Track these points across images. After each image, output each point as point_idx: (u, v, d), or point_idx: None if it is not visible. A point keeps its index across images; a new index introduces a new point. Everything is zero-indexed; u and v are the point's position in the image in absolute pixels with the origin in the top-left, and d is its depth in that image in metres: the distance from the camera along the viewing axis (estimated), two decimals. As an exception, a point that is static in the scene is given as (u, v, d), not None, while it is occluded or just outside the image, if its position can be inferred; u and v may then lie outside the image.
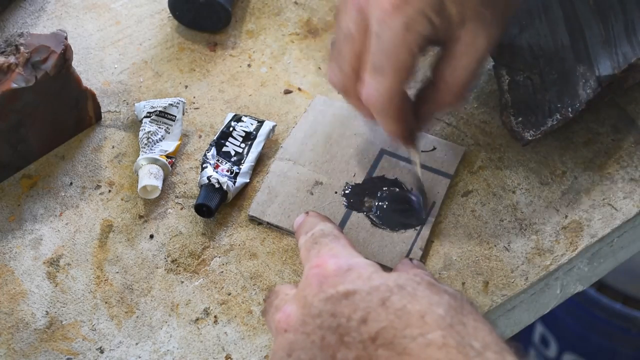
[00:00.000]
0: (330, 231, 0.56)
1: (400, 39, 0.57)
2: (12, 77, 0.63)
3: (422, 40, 0.57)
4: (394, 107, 0.59)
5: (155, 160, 0.67)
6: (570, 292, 0.68)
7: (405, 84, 0.59)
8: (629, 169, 0.69)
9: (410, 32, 0.56)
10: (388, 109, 0.60)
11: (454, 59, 0.59)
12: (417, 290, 0.48)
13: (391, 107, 0.59)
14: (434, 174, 0.68)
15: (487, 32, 0.58)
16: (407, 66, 0.58)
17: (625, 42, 0.65)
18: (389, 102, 0.59)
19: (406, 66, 0.58)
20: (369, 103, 0.60)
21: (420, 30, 0.57)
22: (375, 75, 0.58)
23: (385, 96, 0.59)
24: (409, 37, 0.57)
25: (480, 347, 0.44)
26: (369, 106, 0.61)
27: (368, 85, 0.59)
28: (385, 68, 0.58)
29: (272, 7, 0.80)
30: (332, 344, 0.46)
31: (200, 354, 0.60)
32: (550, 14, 0.68)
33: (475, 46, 0.58)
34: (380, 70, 0.58)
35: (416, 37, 0.57)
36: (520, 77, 0.68)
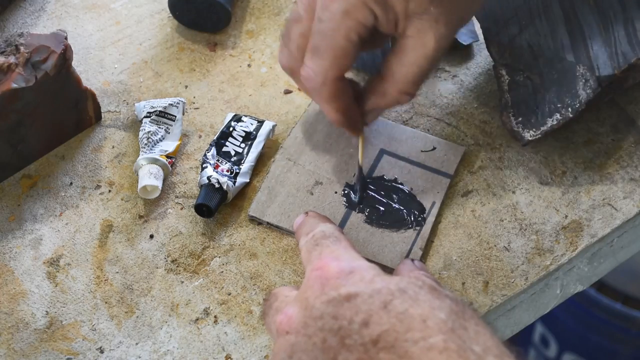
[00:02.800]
0: (331, 232, 0.56)
1: (338, 23, 0.58)
2: (12, 77, 0.63)
3: (361, 28, 0.58)
4: (328, 90, 0.61)
5: (155, 160, 0.67)
6: (570, 292, 0.68)
7: (341, 69, 0.60)
8: (629, 169, 0.69)
9: (348, 19, 0.57)
10: (322, 91, 0.61)
11: (402, 54, 0.60)
12: (419, 294, 0.48)
13: (325, 89, 0.61)
14: (434, 173, 0.68)
15: (435, 29, 0.58)
16: (344, 51, 0.59)
17: (625, 42, 0.65)
18: (322, 84, 0.60)
19: (342, 51, 0.59)
20: (305, 83, 0.61)
21: (359, 18, 0.58)
22: (312, 57, 0.60)
23: (319, 77, 0.60)
24: (346, 23, 0.58)
25: (481, 351, 0.44)
26: (305, 87, 0.62)
27: (306, 66, 0.60)
28: (321, 50, 0.59)
29: (272, 7, 0.80)
30: (334, 347, 0.46)
31: (200, 354, 0.60)
32: (550, 14, 0.68)
33: (422, 42, 0.58)
34: (317, 52, 0.59)
35: (354, 24, 0.58)
36: (520, 77, 0.68)
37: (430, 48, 0.58)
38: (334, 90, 0.61)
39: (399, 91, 0.61)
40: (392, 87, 0.61)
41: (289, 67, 0.63)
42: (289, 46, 0.62)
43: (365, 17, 0.58)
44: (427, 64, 0.59)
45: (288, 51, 0.62)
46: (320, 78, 0.60)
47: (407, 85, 0.61)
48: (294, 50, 0.61)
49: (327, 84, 0.60)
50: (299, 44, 0.61)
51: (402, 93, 0.61)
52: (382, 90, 0.62)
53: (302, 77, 0.61)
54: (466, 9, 0.61)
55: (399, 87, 0.61)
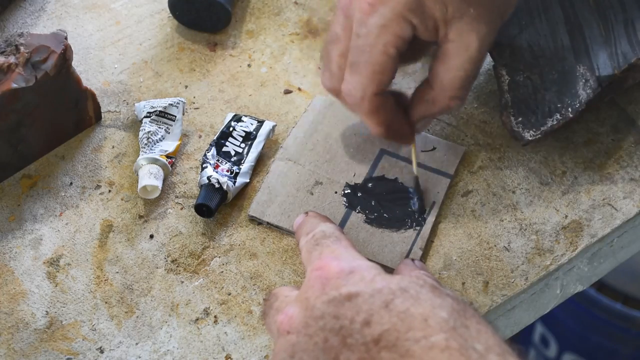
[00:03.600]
0: (331, 232, 0.56)
1: (376, 39, 0.57)
2: (12, 77, 0.63)
3: (399, 41, 0.58)
4: (368, 105, 0.60)
5: (155, 160, 0.67)
6: (570, 292, 0.68)
7: (382, 83, 0.59)
8: (629, 169, 0.69)
9: (385, 33, 0.57)
10: (363, 106, 0.60)
11: (447, 59, 0.59)
12: (420, 293, 0.48)
13: (365, 104, 0.60)
14: (434, 173, 0.68)
15: (476, 30, 0.57)
16: (383, 66, 0.58)
17: (625, 42, 0.65)
18: (362, 99, 0.60)
19: (381, 66, 0.58)
20: (346, 100, 0.61)
21: (397, 32, 0.57)
22: (351, 73, 0.59)
23: (359, 93, 0.60)
24: (384, 38, 0.57)
25: (483, 349, 0.44)
26: (346, 103, 0.62)
27: (345, 82, 0.60)
28: (360, 66, 0.59)
29: (272, 7, 0.80)
30: (335, 346, 0.46)
31: (200, 354, 0.60)
32: (550, 14, 0.68)
33: (466, 45, 0.58)
34: (356, 68, 0.59)
35: (392, 39, 0.57)
36: (520, 77, 0.68)
37: (474, 49, 0.58)
38: (374, 105, 0.60)
39: (448, 97, 0.60)
40: (440, 95, 0.60)
41: (333, 87, 0.62)
42: (329, 67, 0.61)
43: (403, 30, 0.57)
44: (473, 66, 0.59)
45: (329, 72, 0.62)
46: (360, 94, 0.59)
47: (456, 90, 0.60)
48: (335, 71, 0.61)
49: (366, 100, 0.60)
50: (339, 64, 0.60)
51: (451, 98, 0.61)
52: (431, 98, 0.61)
53: (342, 93, 0.61)
54: (505, 5, 0.60)
55: (447, 94, 0.60)
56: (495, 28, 0.59)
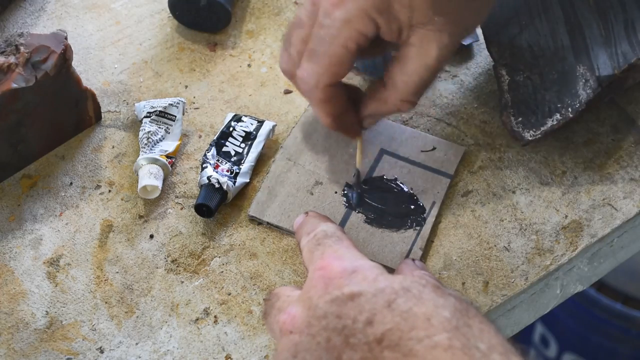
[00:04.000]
0: (333, 232, 0.56)
1: (338, 31, 0.58)
2: (12, 77, 0.63)
3: (360, 37, 0.58)
4: (320, 94, 0.61)
5: (155, 160, 0.67)
6: (570, 292, 0.68)
7: (337, 75, 0.60)
8: (629, 169, 0.69)
9: (348, 27, 0.58)
10: (314, 94, 0.61)
11: (404, 63, 0.60)
12: (422, 292, 0.48)
13: (317, 93, 0.61)
14: (434, 173, 0.68)
15: (438, 39, 0.58)
16: (339, 59, 0.59)
17: (625, 42, 0.65)
18: (315, 88, 0.61)
19: (338, 59, 0.59)
20: (299, 85, 0.62)
21: (360, 28, 0.58)
22: (308, 60, 0.60)
23: (313, 82, 0.60)
24: (346, 32, 0.58)
25: (485, 348, 0.44)
26: (299, 88, 0.63)
27: (301, 68, 0.61)
28: (317, 56, 0.59)
29: (272, 7, 0.80)
30: (338, 346, 0.46)
31: (200, 354, 0.60)
32: (550, 14, 0.68)
33: (425, 52, 0.59)
34: (314, 56, 0.60)
35: (354, 34, 0.58)
36: (520, 77, 0.68)
37: (433, 58, 0.59)
38: (326, 95, 0.61)
39: (399, 99, 0.61)
40: (393, 95, 0.61)
41: (288, 70, 0.63)
42: (289, 50, 0.62)
43: (366, 27, 0.58)
44: (429, 74, 0.60)
45: (288, 55, 0.62)
46: (313, 82, 0.60)
47: (408, 94, 0.61)
48: (294, 55, 0.62)
49: (319, 89, 0.61)
50: (299, 48, 0.61)
51: (402, 101, 0.61)
52: (383, 97, 0.62)
53: (297, 78, 0.62)
54: (471, 20, 0.61)
55: (399, 96, 0.61)
56: (458, 41, 0.60)
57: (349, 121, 0.64)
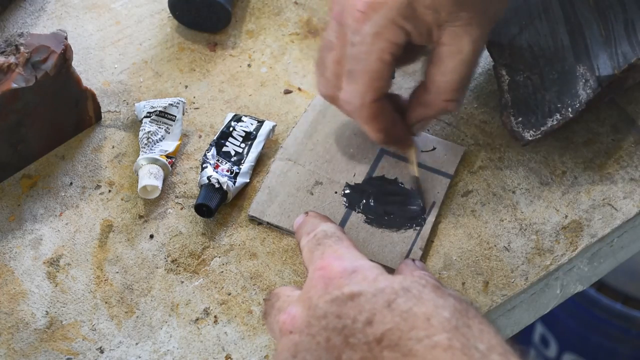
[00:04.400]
0: (333, 232, 0.56)
1: (370, 46, 0.58)
2: (12, 77, 0.63)
3: (393, 47, 0.58)
4: (367, 112, 0.61)
5: (155, 160, 0.67)
6: (570, 292, 0.68)
7: (379, 90, 0.60)
8: (629, 169, 0.69)
9: (379, 40, 0.58)
10: (362, 113, 0.61)
11: (441, 62, 0.60)
12: (422, 292, 0.48)
13: (364, 112, 0.61)
14: (434, 173, 0.68)
15: (469, 33, 0.58)
16: (379, 73, 0.59)
17: (625, 42, 0.65)
18: (361, 107, 0.60)
19: (378, 73, 0.59)
20: (344, 107, 0.62)
21: (390, 38, 0.58)
22: (348, 81, 0.60)
23: (358, 101, 0.60)
24: (378, 45, 0.58)
25: (485, 349, 0.44)
26: (345, 110, 0.63)
27: (343, 91, 0.61)
28: (356, 74, 0.59)
29: (272, 7, 0.80)
30: (338, 345, 0.46)
31: (200, 354, 0.60)
32: (550, 14, 0.68)
33: (459, 48, 0.59)
34: (353, 76, 0.59)
35: (386, 45, 0.58)
36: (520, 77, 0.68)
37: (468, 52, 0.59)
38: (372, 111, 0.61)
39: (444, 100, 0.61)
40: (436, 97, 0.61)
41: (329, 94, 0.63)
42: (325, 74, 0.62)
43: (396, 36, 0.58)
44: (467, 69, 0.60)
45: (325, 79, 0.62)
46: (358, 102, 0.60)
47: (451, 92, 0.61)
48: (331, 78, 0.61)
49: (365, 107, 0.60)
50: (335, 71, 0.61)
51: (447, 101, 0.61)
52: (427, 101, 0.62)
53: (340, 102, 0.61)
54: (495, 9, 0.61)
55: (443, 97, 0.61)
56: (487, 31, 0.60)
57: (399, 132, 0.64)
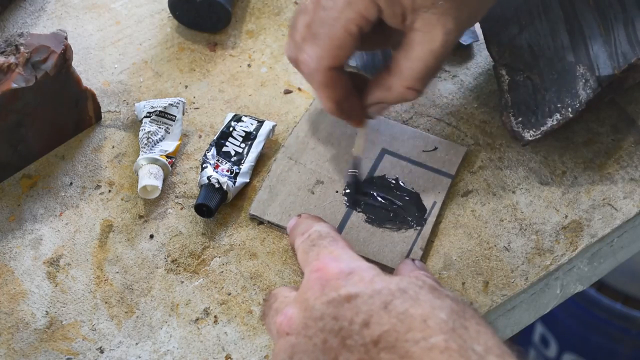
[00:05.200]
0: (327, 232, 0.56)
1: (339, 13, 0.57)
2: (12, 77, 0.63)
3: (362, 20, 0.57)
4: (321, 77, 0.60)
5: (155, 160, 0.67)
6: (570, 292, 0.68)
7: (338, 58, 0.59)
8: (629, 169, 0.69)
9: (350, 10, 0.57)
10: (316, 77, 0.60)
11: (409, 48, 0.59)
12: (419, 294, 0.47)
13: (319, 76, 0.60)
14: (435, 173, 0.68)
15: (443, 24, 0.57)
16: (341, 42, 0.58)
17: (625, 42, 0.65)
18: (316, 70, 0.60)
19: (340, 41, 0.58)
20: (301, 69, 0.61)
21: (362, 10, 0.57)
22: (310, 43, 0.59)
23: (314, 64, 0.60)
24: (348, 14, 0.57)
25: (482, 350, 0.44)
26: (302, 72, 0.62)
27: (303, 51, 0.60)
28: (319, 38, 0.59)
29: (272, 7, 0.80)
30: (334, 347, 0.46)
31: (200, 354, 0.60)
32: (550, 14, 0.68)
33: (430, 37, 0.57)
34: (315, 39, 0.59)
35: (356, 16, 0.57)
36: (520, 77, 0.68)
37: (438, 43, 0.58)
38: (328, 78, 0.60)
39: (404, 86, 0.60)
40: (398, 82, 0.60)
41: (293, 57, 0.62)
42: (294, 37, 0.61)
43: (368, 10, 0.57)
44: (435, 60, 0.59)
45: (293, 41, 0.62)
46: (314, 64, 0.60)
47: (413, 80, 0.60)
48: (298, 40, 0.61)
49: (320, 72, 0.60)
50: (303, 34, 0.60)
51: (408, 88, 0.60)
52: (387, 84, 0.61)
53: (299, 61, 0.61)
54: (476, 7, 0.60)
55: (405, 82, 0.60)
56: (463, 28, 0.59)
57: (352, 108, 0.63)
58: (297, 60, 0.61)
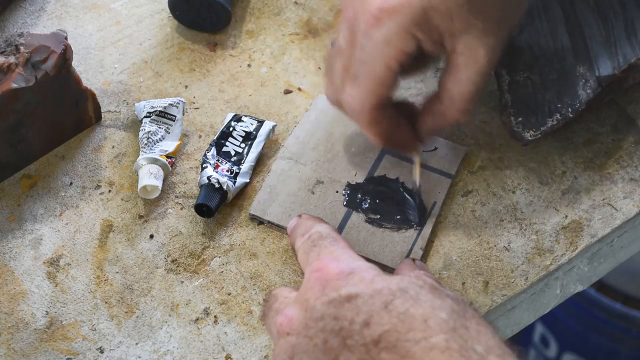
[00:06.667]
0: (327, 233, 0.56)
1: (379, 52, 0.57)
2: (12, 77, 0.63)
3: (402, 55, 0.57)
4: (368, 116, 0.60)
5: (155, 160, 0.67)
6: (570, 292, 0.68)
7: (382, 96, 0.59)
8: (629, 169, 0.69)
9: (389, 47, 0.56)
10: (362, 117, 0.60)
11: (456, 72, 0.58)
12: (419, 293, 0.48)
13: (364, 116, 0.60)
14: (435, 173, 0.68)
15: (484, 42, 0.57)
16: (383, 79, 0.58)
17: (625, 42, 0.65)
18: (361, 111, 0.59)
19: (382, 79, 0.58)
20: (346, 110, 0.61)
21: (401, 45, 0.56)
22: (352, 84, 0.59)
23: (358, 105, 0.59)
24: (387, 51, 0.56)
25: (483, 350, 0.44)
26: (346, 114, 0.62)
27: (345, 93, 0.60)
28: (360, 78, 0.58)
29: (272, 7, 0.80)
30: (335, 347, 0.46)
31: (200, 354, 0.60)
32: (550, 14, 0.68)
33: (474, 58, 0.57)
34: (357, 79, 0.58)
35: (395, 52, 0.57)
36: (520, 77, 0.68)
37: (483, 62, 0.57)
38: (372, 117, 0.60)
39: (457, 111, 0.60)
40: (450, 108, 0.60)
41: (335, 100, 0.62)
42: (332, 79, 0.61)
43: (407, 44, 0.56)
44: (482, 79, 0.58)
45: (332, 84, 0.61)
46: (359, 106, 0.59)
47: (465, 103, 0.59)
48: (337, 83, 0.60)
49: (365, 112, 0.59)
50: (342, 76, 0.60)
51: (461, 112, 0.60)
52: (440, 111, 0.61)
53: (343, 103, 0.61)
54: (511, 17, 0.59)
55: (457, 107, 0.60)
56: (503, 40, 0.59)
57: (402, 138, 0.63)
58: (340, 103, 0.61)
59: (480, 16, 0.56)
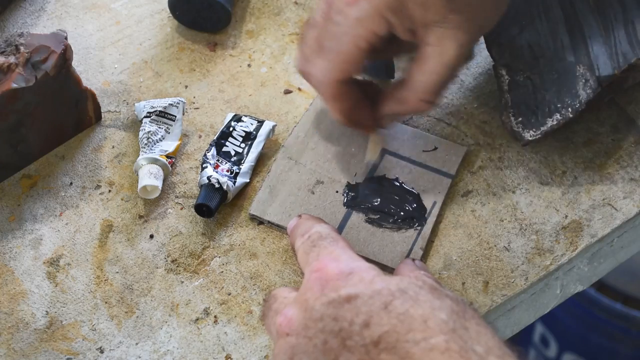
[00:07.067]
0: (327, 233, 0.56)
1: (350, 30, 0.58)
2: (12, 77, 0.63)
3: (372, 36, 0.58)
4: (330, 90, 0.61)
5: (155, 160, 0.67)
6: (570, 292, 0.68)
7: (347, 72, 0.60)
8: (629, 169, 0.69)
9: (361, 27, 0.57)
10: (324, 90, 0.61)
11: (422, 62, 0.59)
12: (419, 294, 0.47)
13: (327, 89, 0.61)
14: (436, 173, 0.68)
15: (455, 37, 0.58)
16: (350, 56, 0.59)
17: (625, 42, 0.65)
18: (325, 84, 0.61)
19: (349, 56, 0.59)
20: (311, 81, 0.62)
21: (372, 26, 0.57)
22: (319, 56, 0.60)
23: (322, 77, 0.60)
24: (358, 31, 0.58)
25: (482, 351, 0.44)
26: (311, 84, 0.63)
27: (312, 63, 0.61)
28: (328, 52, 0.59)
29: (272, 7, 0.80)
30: (335, 348, 0.46)
31: (200, 354, 0.60)
32: (550, 14, 0.68)
33: (443, 51, 0.58)
34: (324, 52, 0.60)
35: (366, 33, 0.58)
36: (520, 77, 0.68)
37: (451, 56, 0.58)
38: (335, 91, 0.61)
39: (418, 99, 0.61)
40: (411, 95, 0.61)
41: (303, 70, 0.63)
42: (303, 50, 0.62)
43: (378, 26, 0.57)
44: (448, 72, 0.59)
45: (302, 55, 0.62)
46: (323, 78, 0.60)
47: (427, 93, 0.60)
48: (307, 54, 0.61)
49: (329, 84, 0.61)
50: (312, 47, 0.61)
51: (422, 101, 0.61)
52: (402, 97, 0.62)
53: (307, 73, 0.62)
54: (487, 17, 0.60)
55: (419, 95, 0.61)
56: (475, 38, 0.60)
57: (362, 118, 0.64)
58: (306, 73, 0.62)
59: (454, 10, 0.57)
